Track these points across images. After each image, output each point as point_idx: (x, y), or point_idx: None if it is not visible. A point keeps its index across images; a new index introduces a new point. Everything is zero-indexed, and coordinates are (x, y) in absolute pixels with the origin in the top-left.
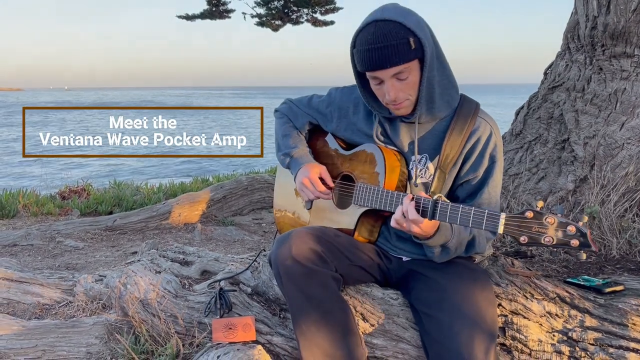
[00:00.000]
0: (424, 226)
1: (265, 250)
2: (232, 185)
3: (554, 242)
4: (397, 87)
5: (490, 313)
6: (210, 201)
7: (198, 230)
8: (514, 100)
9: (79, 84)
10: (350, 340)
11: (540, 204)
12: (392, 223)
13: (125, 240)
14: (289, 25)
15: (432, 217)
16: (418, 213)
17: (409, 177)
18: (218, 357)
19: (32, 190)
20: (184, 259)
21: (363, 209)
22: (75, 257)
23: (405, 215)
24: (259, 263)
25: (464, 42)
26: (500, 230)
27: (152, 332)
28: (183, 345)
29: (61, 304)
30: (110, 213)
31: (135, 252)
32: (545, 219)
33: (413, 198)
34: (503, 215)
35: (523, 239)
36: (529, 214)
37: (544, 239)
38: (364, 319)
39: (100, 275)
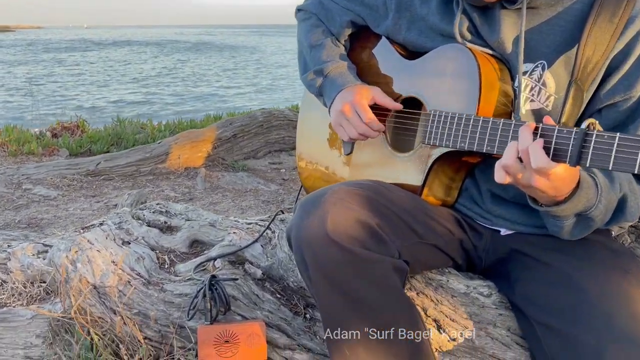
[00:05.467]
0: (557, 178)
1: (283, 212)
2: (244, 121)
3: None
4: None
5: None
6: (217, 140)
7: (201, 176)
8: None
9: (98, 22)
10: None
11: None
12: (498, 175)
13: (111, 189)
14: None
15: (577, 162)
16: (548, 156)
17: (516, 100)
18: None
19: (15, 126)
20: (166, 222)
21: (439, 152)
22: (44, 209)
23: (523, 159)
24: (274, 232)
25: None
26: None
27: (110, 337)
28: None
29: None
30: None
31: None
32: None
33: (538, 129)
34: None
35: None
36: None
37: None
38: (439, 328)
39: (46, 245)
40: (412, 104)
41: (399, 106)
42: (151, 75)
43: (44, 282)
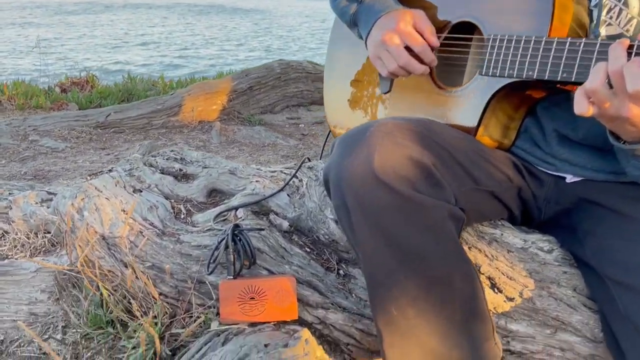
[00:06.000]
0: None
1: (310, 160)
2: (261, 72)
3: None
4: None
5: None
6: (232, 93)
7: (216, 130)
8: None
9: None
10: (476, 331)
11: None
12: (580, 105)
13: (121, 141)
14: None
15: None
16: None
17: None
18: (224, 359)
19: (23, 81)
20: (181, 169)
21: (498, 84)
22: (51, 161)
23: (614, 83)
24: (301, 181)
25: None
26: None
27: (121, 292)
28: (173, 320)
29: None
30: None
31: None
32: None
33: (633, 46)
34: None
35: None
36: None
37: None
38: (493, 287)
39: (50, 193)
40: (465, 30)
41: (436, 40)
42: (161, 38)
43: (49, 232)
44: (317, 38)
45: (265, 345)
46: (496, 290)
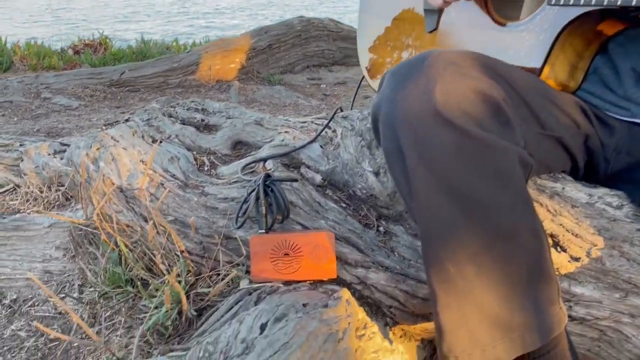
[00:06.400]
0: None
1: (342, 110)
2: (280, 29)
3: None
4: None
5: None
6: (251, 51)
7: (235, 89)
8: None
9: None
10: (541, 293)
11: None
12: None
13: (137, 100)
14: None
15: None
16: None
17: None
18: (260, 319)
19: (35, 42)
20: (203, 120)
21: (569, 16)
22: (65, 119)
23: None
24: (334, 131)
25: None
26: None
27: (141, 249)
28: (198, 279)
29: (1, 190)
30: None
31: None
32: None
33: None
34: None
35: None
36: None
37: None
38: (556, 245)
39: (63, 145)
40: None
41: None
42: (176, 7)
43: (62, 185)
44: None
45: (304, 305)
46: (559, 249)
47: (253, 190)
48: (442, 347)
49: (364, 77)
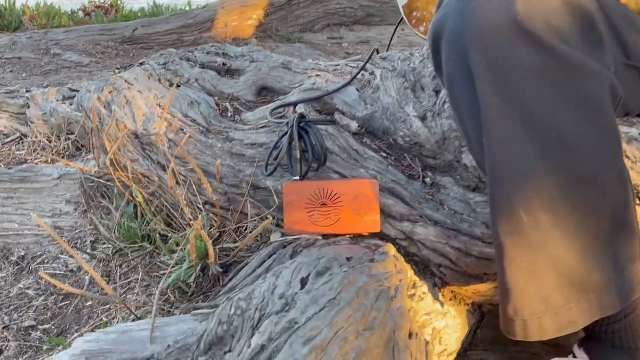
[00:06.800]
0: None
1: (378, 52)
2: None
3: None
4: None
5: None
6: (269, 6)
7: (252, 46)
8: None
9: None
10: (622, 248)
11: None
12: None
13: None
14: None
15: None
16: None
17: None
18: (299, 273)
19: (45, 3)
20: (224, 63)
21: None
22: (75, 75)
23: None
24: (372, 73)
25: None
26: None
27: (160, 201)
28: (222, 232)
29: (7, 140)
30: None
31: None
32: None
33: None
34: None
35: None
36: None
37: None
38: (636, 196)
39: (73, 90)
40: None
41: None
42: None
43: (72, 133)
44: None
45: (347, 259)
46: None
47: (285, 134)
48: (506, 308)
49: (402, 18)
